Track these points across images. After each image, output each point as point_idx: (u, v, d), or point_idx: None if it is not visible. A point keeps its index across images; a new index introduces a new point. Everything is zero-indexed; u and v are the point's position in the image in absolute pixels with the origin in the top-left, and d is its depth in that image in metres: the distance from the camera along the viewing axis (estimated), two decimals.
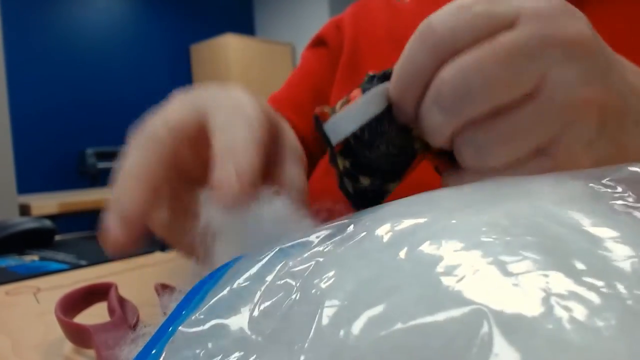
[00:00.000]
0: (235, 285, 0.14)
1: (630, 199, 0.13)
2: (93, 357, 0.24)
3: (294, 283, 0.13)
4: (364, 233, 0.14)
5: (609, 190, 0.13)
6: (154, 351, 0.13)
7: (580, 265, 0.10)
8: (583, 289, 0.09)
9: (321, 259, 0.13)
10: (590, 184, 0.14)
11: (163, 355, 0.12)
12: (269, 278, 0.14)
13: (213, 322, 0.13)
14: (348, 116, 0.19)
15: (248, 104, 0.21)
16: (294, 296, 0.12)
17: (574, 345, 0.08)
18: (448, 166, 0.20)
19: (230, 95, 0.22)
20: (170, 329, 0.13)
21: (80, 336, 0.25)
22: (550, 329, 0.08)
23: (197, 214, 0.19)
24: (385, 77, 0.19)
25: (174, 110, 0.22)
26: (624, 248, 0.10)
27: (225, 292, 0.14)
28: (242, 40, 3.72)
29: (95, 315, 0.28)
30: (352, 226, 0.15)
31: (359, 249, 0.13)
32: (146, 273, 0.44)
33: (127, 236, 0.20)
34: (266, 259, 0.15)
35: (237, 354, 0.11)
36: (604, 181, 0.14)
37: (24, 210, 1.56)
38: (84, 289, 0.29)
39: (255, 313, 0.12)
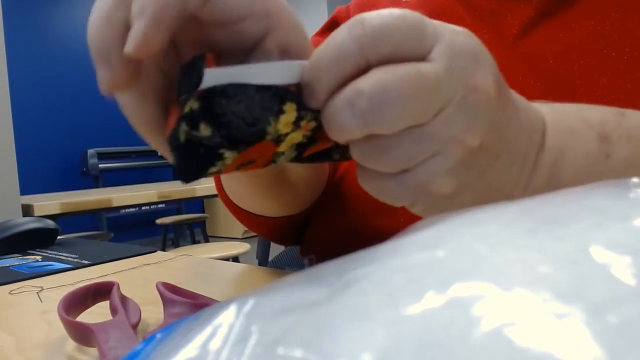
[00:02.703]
0: None
1: None
2: (96, 355, 0.25)
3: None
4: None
5: None
6: None
7: None
8: None
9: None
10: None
11: None
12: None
13: None
14: (248, 70, 0.17)
15: None
16: None
17: None
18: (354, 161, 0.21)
19: None
20: None
21: (82, 335, 0.25)
22: None
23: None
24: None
25: None
26: None
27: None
28: None
29: (97, 314, 0.29)
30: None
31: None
32: (148, 272, 0.45)
33: (157, 40, 0.17)
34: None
35: None
36: None
37: (27, 210, 1.56)
38: (86, 288, 0.29)
39: None
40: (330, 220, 0.42)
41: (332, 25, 0.52)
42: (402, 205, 0.21)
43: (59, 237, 0.63)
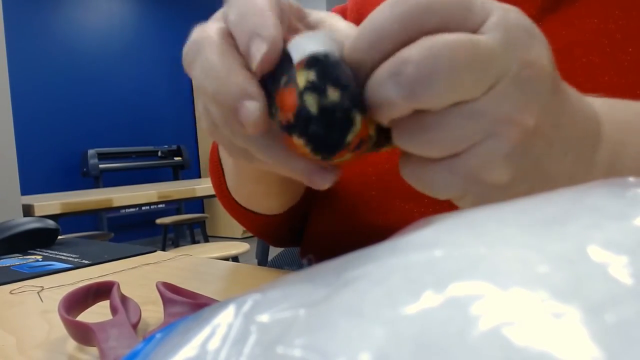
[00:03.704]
0: None
1: None
2: (96, 355, 0.25)
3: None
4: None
5: None
6: None
7: None
8: None
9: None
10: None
11: None
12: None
13: None
14: (316, 38, 0.18)
15: None
16: None
17: None
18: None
19: None
20: None
21: (83, 334, 0.25)
22: None
23: None
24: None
25: None
26: None
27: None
28: None
29: (98, 313, 0.29)
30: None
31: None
32: (148, 272, 0.45)
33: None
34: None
35: None
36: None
37: (28, 210, 1.56)
38: (86, 288, 0.29)
39: None
40: (328, 220, 0.42)
41: None
42: (449, 198, 0.19)
43: (59, 237, 0.63)
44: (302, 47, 0.18)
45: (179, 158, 4.06)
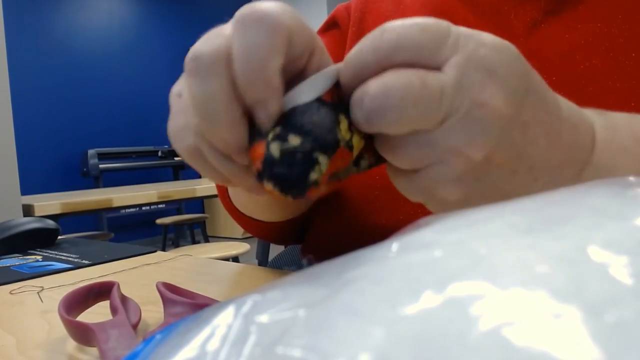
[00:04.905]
0: None
1: None
2: (96, 355, 0.25)
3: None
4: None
5: None
6: None
7: None
8: None
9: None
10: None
11: None
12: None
13: None
14: (299, 91, 0.20)
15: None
16: None
17: None
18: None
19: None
20: None
21: (83, 334, 0.25)
22: None
23: None
24: None
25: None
26: None
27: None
28: None
29: (98, 313, 0.29)
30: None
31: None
32: (148, 272, 0.45)
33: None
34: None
35: None
36: None
37: (28, 210, 1.56)
38: (86, 288, 0.29)
39: None
40: (331, 220, 0.42)
41: (331, 24, 0.52)
42: (417, 202, 0.22)
43: (59, 237, 0.63)
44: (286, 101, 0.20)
45: (179, 158, 4.04)
